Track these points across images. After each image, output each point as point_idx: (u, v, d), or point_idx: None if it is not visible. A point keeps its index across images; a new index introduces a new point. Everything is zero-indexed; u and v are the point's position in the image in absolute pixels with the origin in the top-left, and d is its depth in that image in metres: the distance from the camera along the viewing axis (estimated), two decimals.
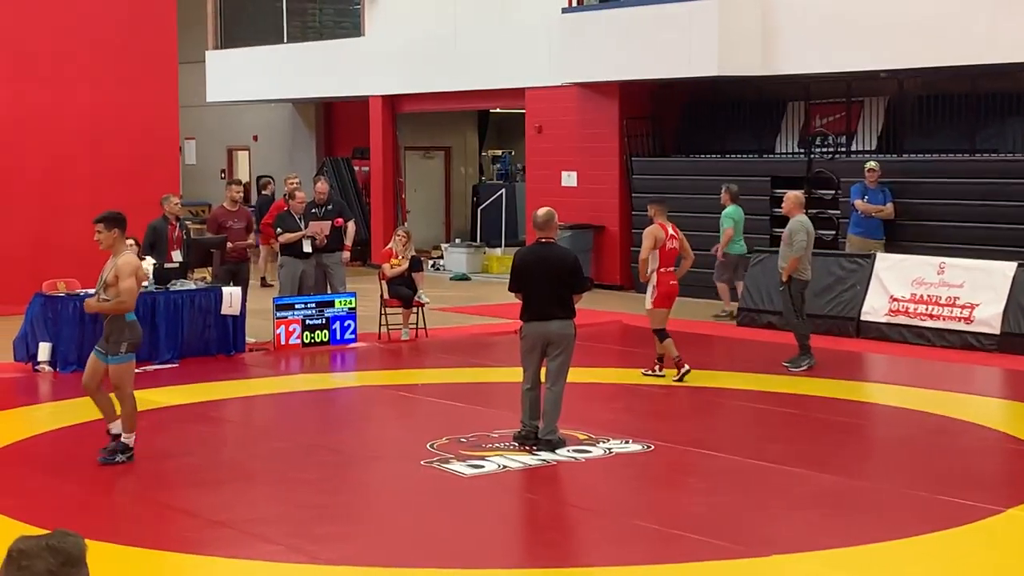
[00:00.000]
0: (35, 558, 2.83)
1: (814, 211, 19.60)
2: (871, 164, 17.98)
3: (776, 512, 8.80)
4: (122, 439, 10.02)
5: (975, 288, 15.66)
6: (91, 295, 14.47)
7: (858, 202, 17.88)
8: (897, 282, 16.39)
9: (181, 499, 8.98)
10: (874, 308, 16.49)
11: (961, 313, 15.68)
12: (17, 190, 18.67)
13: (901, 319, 16.17)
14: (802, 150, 20.39)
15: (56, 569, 2.83)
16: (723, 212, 18.57)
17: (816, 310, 16.92)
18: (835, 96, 20.21)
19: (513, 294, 10.62)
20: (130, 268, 10.10)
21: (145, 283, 14.85)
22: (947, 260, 16.14)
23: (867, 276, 16.70)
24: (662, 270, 13.73)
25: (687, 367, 13.57)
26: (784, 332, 16.89)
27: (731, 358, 15.39)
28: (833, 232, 19.28)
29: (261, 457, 10.59)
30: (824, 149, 20.29)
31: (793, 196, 14.81)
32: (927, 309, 15.99)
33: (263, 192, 24.89)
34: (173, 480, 9.63)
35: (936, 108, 19.27)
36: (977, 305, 15.56)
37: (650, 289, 13.76)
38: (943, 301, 15.86)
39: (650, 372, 13.85)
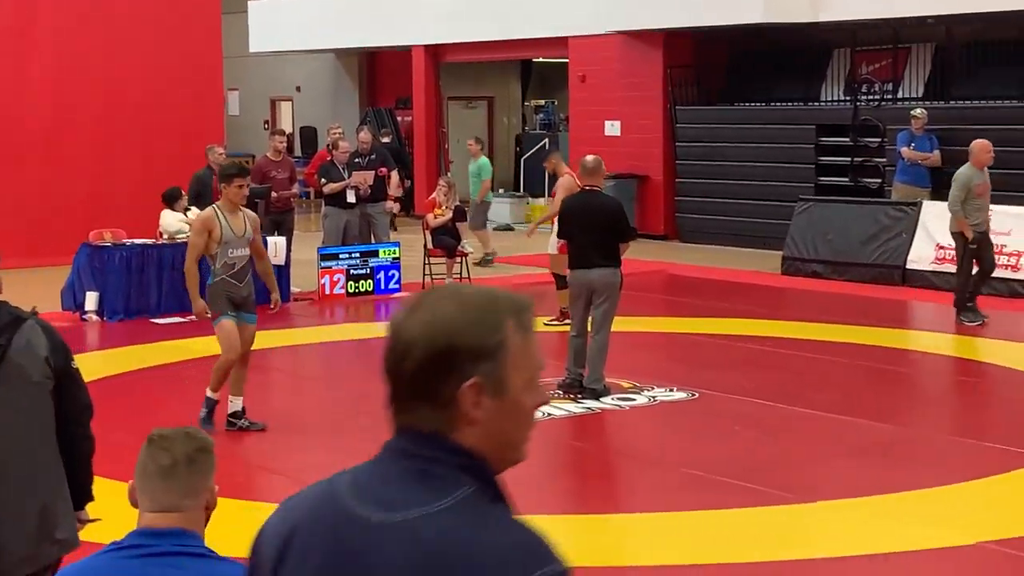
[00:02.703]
0: (175, 441, 3.13)
1: (860, 159, 19.49)
2: (917, 111, 17.79)
3: (822, 460, 8.79)
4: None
5: (1022, 235, 15.50)
6: (135, 245, 14.62)
7: (904, 150, 17.72)
8: (943, 230, 16.20)
9: (231, 446, 9.06)
10: (920, 256, 16.37)
11: (1008, 261, 15.54)
12: (66, 142, 18.80)
13: (947, 267, 16.03)
14: (848, 97, 20.20)
15: (192, 452, 3.11)
16: (476, 163, 19.14)
17: (862, 258, 16.84)
18: (881, 43, 19.99)
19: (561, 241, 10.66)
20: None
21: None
22: (994, 207, 15.96)
23: (913, 224, 16.57)
24: None
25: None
26: (828, 280, 16.84)
27: (776, 307, 15.34)
28: (879, 180, 19.13)
29: (309, 405, 10.67)
30: (870, 96, 20.11)
31: (973, 144, 14.57)
32: None
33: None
34: (221, 427, 9.71)
35: (984, 54, 19.04)
36: None
37: (555, 236, 13.76)
38: None
39: (555, 320, 13.70)
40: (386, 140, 22.56)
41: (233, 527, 7.26)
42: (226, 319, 9.23)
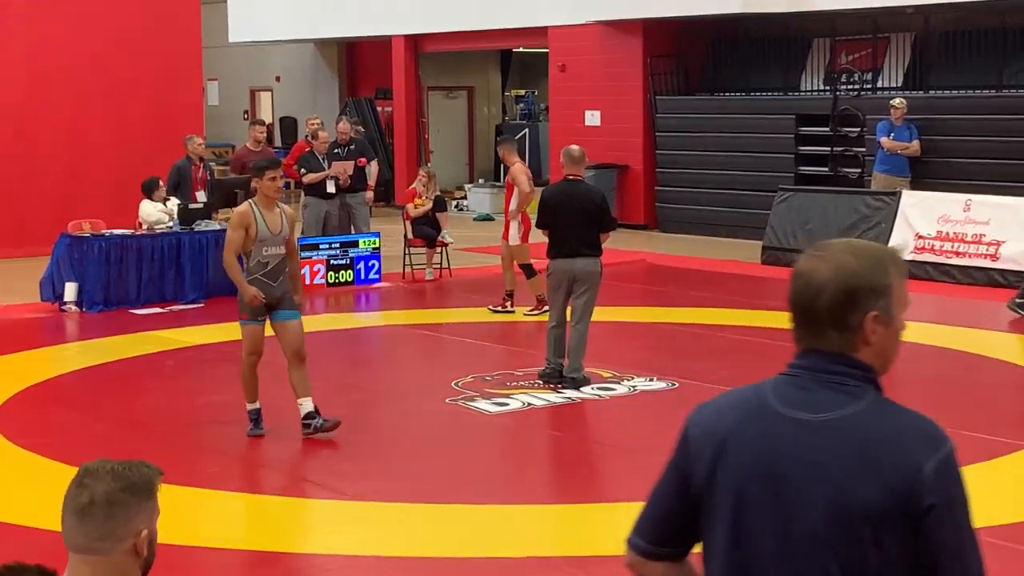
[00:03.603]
0: (97, 479, 2.82)
1: (840, 148, 19.53)
2: (897, 101, 17.83)
3: None
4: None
5: (1001, 225, 15.56)
6: (115, 235, 14.57)
7: (884, 139, 17.76)
8: (923, 219, 16.31)
9: (208, 437, 9.04)
10: (900, 246, 16.42)
11: (987, 250, 15.60)
12: (42, 132, 18.70)
13: (927, 256, 16.10)
14: (828, 87, 20.24)
15: (113, 492, 2.81)
16: None
17: None
18: (861, 32, 20.02)
19: (541, 231, 10.62)
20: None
21: (170, 223, 14.92)
22: (973, 197, 16.04)
23: (893, 214, 16.61)
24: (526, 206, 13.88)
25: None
26: None
27: (756, 296, 15.36)
28: (859, 170, 19.18)
29: (286, 395, 10.64)
30: (850, 86, 20.14)
31: None
32: (953, 246, 15.92)
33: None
34: (200, 418, 9.69)
35: (963, 43, 19.08)
36: (1003, 242, 15.47)
37: (516, 225, 13.80)
38: (969, 238, 15.78)
39: (499, 308, 13.84)
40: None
41: (209, 517, 7.26)
42: (251, 325, 8.82)
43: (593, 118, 22.50)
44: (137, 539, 2.81)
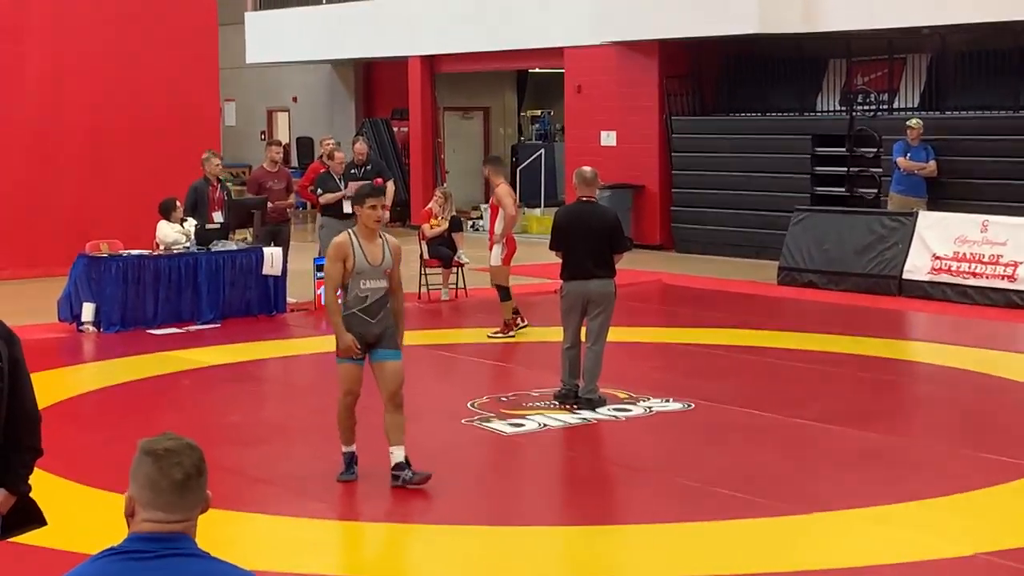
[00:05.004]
0: (180, 455, 3.09)
1: (856, 169, 19.51)
2: (913, 122, 17.81)
3: (817, 470, 8.78)
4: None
5: (1018, 246, 15.51)
6: (132, 256, 14.61)
7: (900, 159, 17.74)
8: (939, 240, 16.27)
9: (224, 457, 9.05)
10: (916, 266, 16.38)
11: (1004, 271, 15.56)
12: (60, 152, 18.78)
13: (944, 277, 16.06)
14: (844, 108, 20.23)
15: (199, 463, 3.10)
16: None
17: (858, 269, 16.85)
18: (877, 53, 20.03)
19: (553, 253, 10.62)
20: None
21: (187, 243, 14.96)
22: (990, 218, 16.00)
23: (909, 234, 16.58)
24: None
25: (524, 322, 13.92)
26: (824, 290, 16.83)
27: (772, 317, 15.35)
28: (875, 190, 19.15)
29: (303, 416, 10.65)
30: (866, 107, 20.13)
31: None
32: (970, 267, 15.87)
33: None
34: (216, 438, 9.69)
35: (979, 64, 19.06)
36: (1020, 263, 15.43)
37: (499, 248, 13.80)
38: (986, 259, 15.74)
39: (506, 332, 13.81)
40: None
41: (224, 537, 7.27)
42: (348, 364, 8.30)
43: (609, 138, 22.52)
44: (208, 499, 3.14)
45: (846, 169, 19.63)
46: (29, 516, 5.01)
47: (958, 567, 6.91)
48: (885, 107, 19.89)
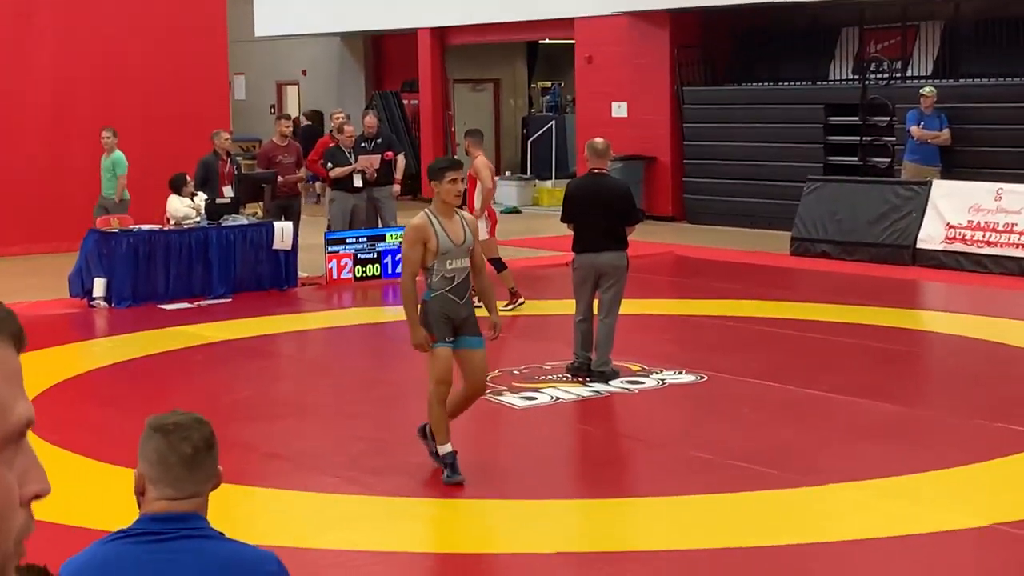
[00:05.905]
0: (189, 430, 3.13)
1: (869, 138, 19.41)
2: (927, 90, 17.71)
3: (830, 442, 8.75)
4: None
5: None
6: (143, 231, 14.59)
7: (914, 128, 17.63)
8: (953, 209, 16.19)
9: (237, 433, 9.04)
10: (930, 235, 16.31)
11: (1019, 240, 15.48)
12: (69, 128, 18.76)
13: (958, 246, 15.99)
14: (856, 76, 20.12)
15: (208, 437, 3.14)
16: (110, 158, 16.32)
17: (871, 238, 16.77)
18: (890, 21, 19.90)
19: (565, 225, 10.57)
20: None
21: (198, 218, 14.94)
22: (1004, 186, 15.91)
23: (923, 203, 16.49)
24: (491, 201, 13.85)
25: (522, 299, 13.74)
26: (837, 260, 16.76)
27: (785, 288, 15.29)
28: (888, 159, 19.05)
29: (315, 391, 10.64)
30: (879, 75, 20.01)
31: None
32: (984, 236, 15.79)
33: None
34: (229, 414, 9.68)
35: (993, 32, 18.93)
36: None
37: (484, 222, 13.74)
38: (1000, 228, 15.65)
39: (512, 305, 13.69)
40: None
41: (239, 513, 7.26)
42: (442, 347, 7.68)
43: (620, 110, 22.43)
44: (219, 474, 3.17)
45: (859, 138, 19.52)
46: None
47: (974, 538, 6.88)
48: (898, 75, 19.77)
